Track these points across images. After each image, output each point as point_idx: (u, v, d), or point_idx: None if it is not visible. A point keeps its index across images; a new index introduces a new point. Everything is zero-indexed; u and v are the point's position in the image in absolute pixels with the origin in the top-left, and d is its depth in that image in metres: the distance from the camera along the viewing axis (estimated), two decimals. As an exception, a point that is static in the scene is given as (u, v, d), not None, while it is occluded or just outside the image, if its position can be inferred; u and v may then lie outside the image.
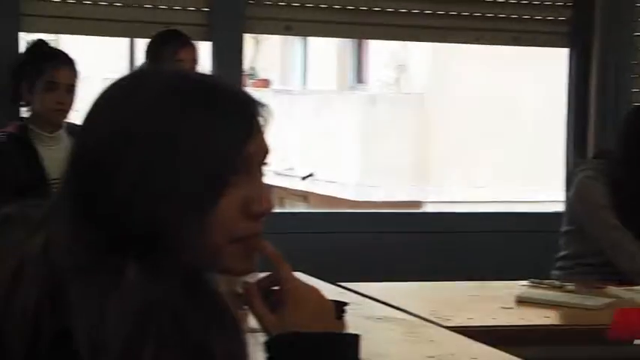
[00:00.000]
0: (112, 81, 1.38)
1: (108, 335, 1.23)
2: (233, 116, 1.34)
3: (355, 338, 1.42)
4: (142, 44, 4.40)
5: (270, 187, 1.42)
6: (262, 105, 1.36)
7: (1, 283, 1.31)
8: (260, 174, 1.37)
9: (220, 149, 1.31)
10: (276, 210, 10.82)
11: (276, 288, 1.43)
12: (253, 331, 1.38)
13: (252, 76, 14.22)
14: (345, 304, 3.00)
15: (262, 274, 1.44)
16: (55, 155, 3.80)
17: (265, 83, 14.80)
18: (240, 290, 1.43)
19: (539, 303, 3.22)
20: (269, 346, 1.38)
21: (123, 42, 4.93)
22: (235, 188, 1.32)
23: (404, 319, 3.05)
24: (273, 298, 1.42)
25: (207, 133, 1.31)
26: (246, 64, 4.65)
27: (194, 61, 4.16)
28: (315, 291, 1.44)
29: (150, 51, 4.19)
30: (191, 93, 1.34)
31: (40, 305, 1.28)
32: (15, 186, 3.76)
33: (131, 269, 1.28)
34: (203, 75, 1.45)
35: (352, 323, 2.92)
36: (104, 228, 1.30)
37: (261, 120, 1.35)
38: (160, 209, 1.29)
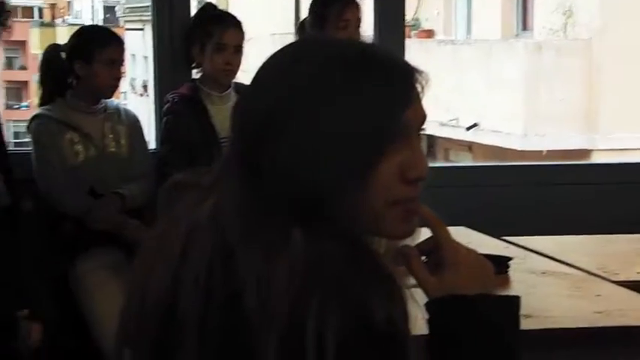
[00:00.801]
0: (278, 50, 1.42)
1: (275, 294, 1.27)
2: (392, 85, 1.36)
3: (515, 300, 1.40)
4: (306, 3, 4.40)
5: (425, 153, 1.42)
6: (420, 72, 1.37)
7: (175, 248, 1.38)
8: (417, 140, 1.39)
9: (379, 117, 1.33)
10: (441, 164, 10.74)
11: (433, 251, 1.44)
12: (411, 287, 1.38)
13: (415, 27, 14.27)
14: (509, 258, 3.10)
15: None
16: (224, 114, 3.86)
17: (429, 34, 14.91)
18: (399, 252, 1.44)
19: None
20: (429, 308, 1.39)
21: (289, 1, 5.06)
22: (393, 154, 1.34)
23: (569, 274, 3.01)
24: (432, 260, 1.43)
25: (367, 102, 1.33)
26: (409, 15, 4.63)
27: (358, 20, 4.17)
28: (473, 252, 1.44)
29: (314, 11, 4.20)
30: (352, 63, 1.36)
31: (211, 271, 1.33)
32: (188, 144, 3.88)
33: (297, 233, 1.32)
34: (364, 44, 1.46)
35: (516, 278, 3.09)
36: (270, 194, 1.34)
37: (419, 87, 1.37)
38: (322, 176, 1.32)
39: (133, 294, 1.47)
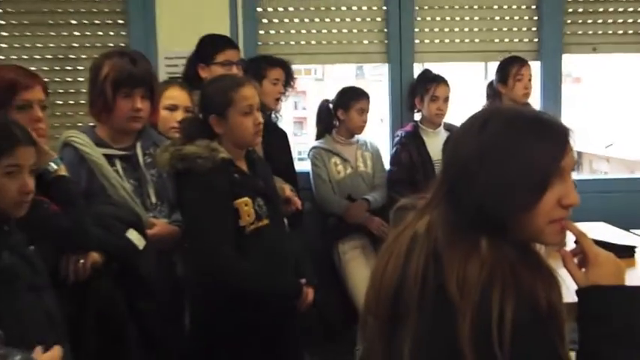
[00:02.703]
0: (473, 114, 1.59)
1: (469, 284, 1.43)
2: (554, 142, 1.49)
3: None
4: (492, 65, 4.94)
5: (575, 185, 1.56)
6: (572, 131, 1.52)
7: (402, 249, 1.56)
8: (569, 177, 1.51)
9: (545, 164, 1.47)
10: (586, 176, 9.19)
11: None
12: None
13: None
14: (634, 247, 3.40)
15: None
16: (436, 144, 4.48)
17: (578, 80, 16.08)
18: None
19: None
20: (579, 295, 1.54)
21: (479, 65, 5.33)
22: (553, 188, 1.48)
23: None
24: (579, 260, 1.58)
25: (537, 154, 1.47)
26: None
27: (530, 75, 4.68)
28: (610, 255, 1.56)
29: (499, 70, 4.72)
30: (526, 126, 1.51)
31: (426, 267, 1.50)
32: (409, 164, 4.48)
33: (484, 242, 1.47)
34: (534, 112, 1.62)
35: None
36: (466, 214, 1.49)
37: (571, 141, 1.51)
38: (504, 203, 1.46)
39: (374, 279, 1.64)
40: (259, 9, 4.86)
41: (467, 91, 4.65)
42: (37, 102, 2.63)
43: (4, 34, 4.72)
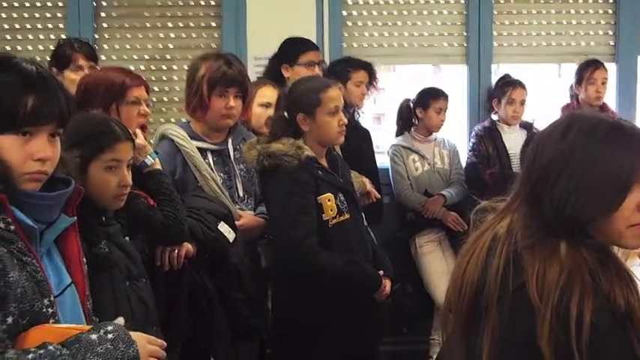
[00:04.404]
0: (555, 120, 1.61)
1: (548, 285, 1.44)
2: (632, 148, 1.49)
3: None
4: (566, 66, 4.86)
5: None
6: None
7: (483, 249, 1.57)
8: None
9: (622, 172, 1.47)
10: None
11: None
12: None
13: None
14: None
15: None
16: (512, 138, 4.51)
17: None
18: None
19: None
20: None
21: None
22: (632, 194, 1.48)
23: None
24: None
25: (615, 161, 1.47)
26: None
27: (604, 78, 4.62)
28: None
29: (577, 73, 4.69)
30: (605, 134, 1.51)
31: (506, 266, 1.50)
32: (486, 156, 4.47)
33: (563, 245, 1.47)
34: (613, 120, 1.58)
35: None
36: (547, 218, 1.49)
37: None
38: (583, 209, 1.46)
39: (455, 278, 1.63)
40: (344, 12, 4.89)
41: (540, 90, 4.61)
42: (143, 99, 2.81)
43: (107, 36, 4.85)
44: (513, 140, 4.52)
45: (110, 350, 1.55)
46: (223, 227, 2.77)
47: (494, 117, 4.72)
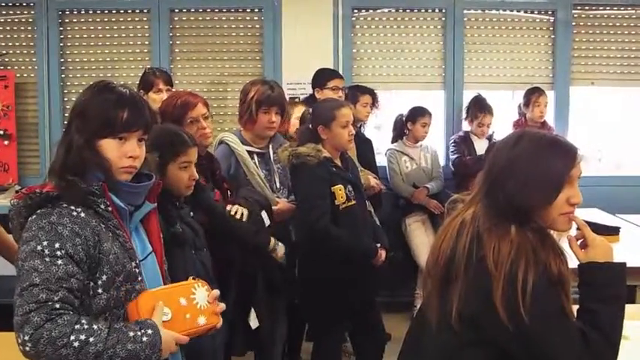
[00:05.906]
0: (510, 133, 1.57)
1: (502, 258, 1.41)
2: (565, 156, 1.47)
3: (623, 265, 1.47)
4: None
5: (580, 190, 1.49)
6: (579, 149, 1.49)
7: (454, 230, 1.53)
8: (576, 183, 1.48)
9: (559, 173, 1.46)
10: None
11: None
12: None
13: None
14: (618, 228, 3.23)
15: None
16: (481, 146, 4.40)
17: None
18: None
19: None
20: (580, 268, 1.51)
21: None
22: (564, 190, 1.46)
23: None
24: (581, 244, 1.52)
25: (554, 165, 1.45)
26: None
27: (546, 103, 4.47)
28: (604, 240, 1.52)
29: (524, 96, 4.53)
30: (546, 144, 1.48)
31: (471, 243, 1.47)
32: (463, 157, 4.31)
33: (513, 228, 1.45)
34: (552, 135, 1.55)
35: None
36: (501, 207, 1.46)
37: (578, 157, 1.49)
38: (529, 199, 1.44)
39: (433, 251, 1.58)
40: (354, 50, 4.84)
41: (498, 109, 4.62)
42: (201, 116, 2.69)
43: (179, 66, 4.83)
44: (481, 147, 4.48)
45: (137, 351, 1.47)
46: (264, 214, 2.74)
47: (467, 128, 4.64)
